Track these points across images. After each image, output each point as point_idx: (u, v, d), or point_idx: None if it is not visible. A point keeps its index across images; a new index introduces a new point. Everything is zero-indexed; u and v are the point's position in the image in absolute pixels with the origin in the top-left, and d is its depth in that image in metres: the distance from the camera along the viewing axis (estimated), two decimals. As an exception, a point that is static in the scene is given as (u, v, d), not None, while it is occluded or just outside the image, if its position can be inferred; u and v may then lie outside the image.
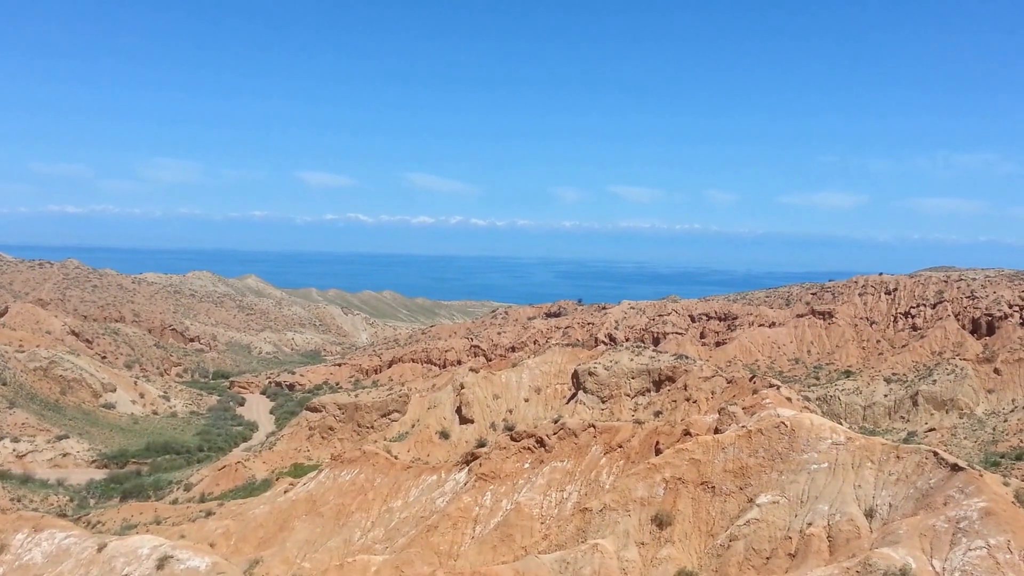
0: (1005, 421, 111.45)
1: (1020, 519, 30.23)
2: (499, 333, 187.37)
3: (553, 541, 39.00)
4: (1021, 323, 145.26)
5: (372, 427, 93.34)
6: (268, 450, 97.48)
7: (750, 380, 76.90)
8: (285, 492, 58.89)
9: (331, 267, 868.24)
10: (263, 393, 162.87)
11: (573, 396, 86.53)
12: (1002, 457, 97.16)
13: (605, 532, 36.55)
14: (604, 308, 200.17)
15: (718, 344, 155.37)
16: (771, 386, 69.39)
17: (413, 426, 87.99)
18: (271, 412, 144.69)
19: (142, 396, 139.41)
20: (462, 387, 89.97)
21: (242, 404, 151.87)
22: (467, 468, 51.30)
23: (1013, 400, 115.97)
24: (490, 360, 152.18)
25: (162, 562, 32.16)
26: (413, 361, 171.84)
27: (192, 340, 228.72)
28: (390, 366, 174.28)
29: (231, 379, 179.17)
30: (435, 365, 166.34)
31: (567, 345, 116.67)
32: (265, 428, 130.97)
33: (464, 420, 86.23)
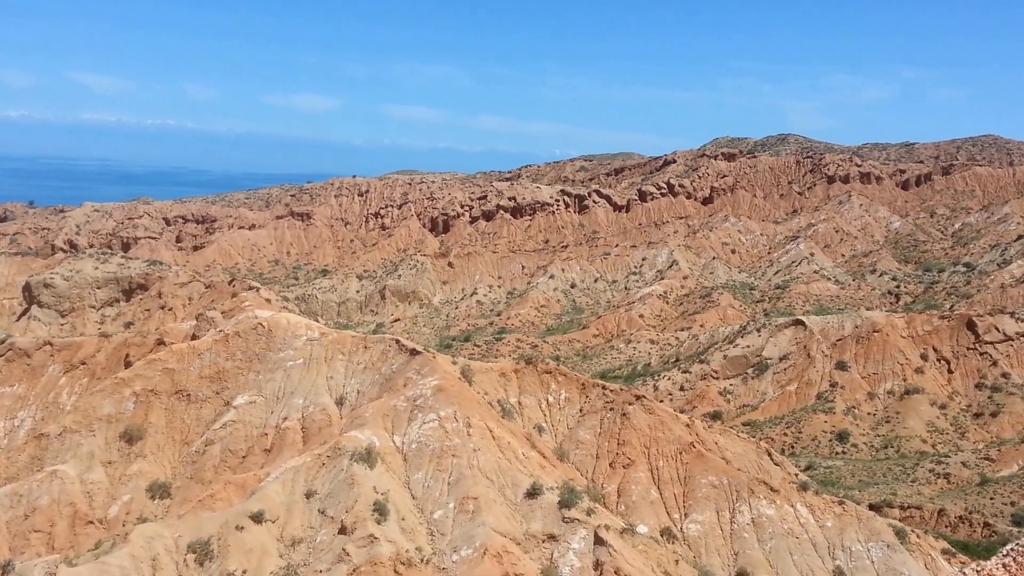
0: (456, 308, 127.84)
1: (465, 392, 34.90)
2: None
3: (3, 474, 34.56)
4: (470, 221, 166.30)
5: None
6: None
7: (229, 284, 76.10)
8: None
9: None
10: None
11: (26, 312, 77.04)
12: (454, 340, 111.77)
13: (66, 456, 33.46)
14: (62, 211, 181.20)
15: (196, 248, 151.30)
16: (251, 289, 69.43)
17: None
18: None
19: None
20: None
21: None
22: None
23: (463, 290, 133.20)
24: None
25: None
26: None
27: None
28: None
29: None
30: None
31: (16, 254, 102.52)
32: None
33: None
